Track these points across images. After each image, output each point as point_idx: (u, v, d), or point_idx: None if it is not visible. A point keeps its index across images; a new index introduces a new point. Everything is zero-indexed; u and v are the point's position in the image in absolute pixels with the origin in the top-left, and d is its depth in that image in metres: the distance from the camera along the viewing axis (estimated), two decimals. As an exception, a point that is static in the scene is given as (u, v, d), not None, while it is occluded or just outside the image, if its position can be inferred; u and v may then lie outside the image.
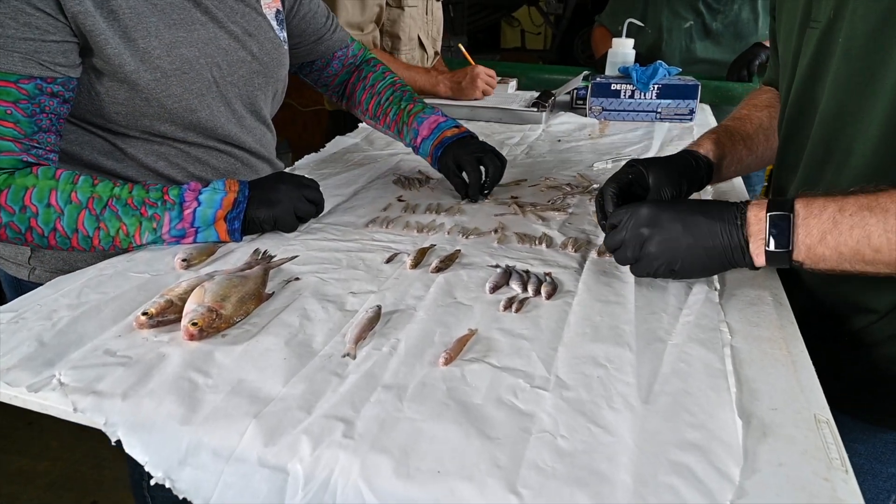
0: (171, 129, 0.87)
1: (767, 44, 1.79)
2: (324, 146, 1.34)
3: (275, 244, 0.83)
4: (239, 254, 0.80)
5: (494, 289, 0.71)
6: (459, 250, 0.81)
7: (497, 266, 0.77)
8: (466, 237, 0.86)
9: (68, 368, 0.56)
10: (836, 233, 0.56)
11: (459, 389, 0.54)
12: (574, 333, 0.63)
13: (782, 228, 0.59)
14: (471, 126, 1.54)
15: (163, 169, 0.90)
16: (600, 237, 0.86)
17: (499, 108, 1.57)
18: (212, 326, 0.61)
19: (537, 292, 0.70)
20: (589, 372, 0.56)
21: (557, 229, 0.89)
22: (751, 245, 0.62)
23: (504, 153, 1.28)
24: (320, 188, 0.91)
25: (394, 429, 0.49)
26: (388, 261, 0.78)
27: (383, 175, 1.14)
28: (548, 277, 0.74)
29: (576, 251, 0.81)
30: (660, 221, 0.66)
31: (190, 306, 0.63)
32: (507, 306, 0.67)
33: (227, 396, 0.53)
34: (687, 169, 0.82)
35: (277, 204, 0.84)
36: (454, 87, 1.62)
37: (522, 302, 0.68)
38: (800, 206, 0.59)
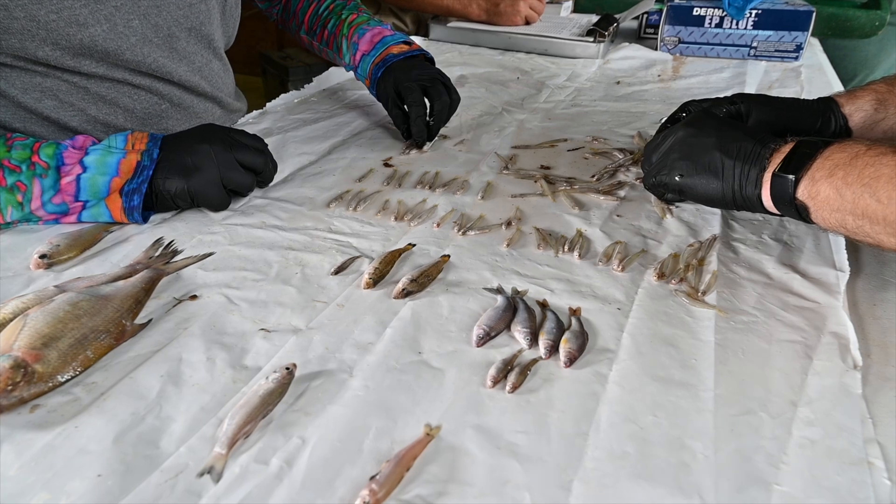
0: (54, 53, 0.62)
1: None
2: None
3: (190, 231, 0.59)
4: (133, 245, 0.56)
5: (485, 338, 0.45)
6: (447, 258, 0.55)
7: (498, 291, 0.50)
8: (463, 233, 0.59)
9: None
10: (848, 168, 0.45)
11: (376, 581, 0.30)
12: (605, 452, 0.36)
13: (804, 155, 0.48)
14: (506, 59, 1.25)
15: (50, 111, 0.66)
16: (662, 245, 0.57)
17: (543, 38, 1.24)
18: (12, 394, 0.38)
19: (553, 349, 0.44)
20: (623, 560, 0.30)
21: (600, 226, 0.60)
22: (767, 170, 0.50)
23: (543, 98, 0.98)
24: (268, 147, 0.66)
25: None
26: (339, 270, 0.53)
27: (376, 124, 0.87)
28: (573, 319, 0.47)
29: (622, 269, 0.53)
30: (696, 122, 0.57)
31: (-13, 356, 0.40)
32: (500, 378, 0.41)
33: (-35, 561, 0.30)
34: (806, 129, 0.63)
35: (196, 172, 0.59)
36: (490, 8, 1.30)
37: (525, 371, 0.42)
38: (840, 143, 0.48)
